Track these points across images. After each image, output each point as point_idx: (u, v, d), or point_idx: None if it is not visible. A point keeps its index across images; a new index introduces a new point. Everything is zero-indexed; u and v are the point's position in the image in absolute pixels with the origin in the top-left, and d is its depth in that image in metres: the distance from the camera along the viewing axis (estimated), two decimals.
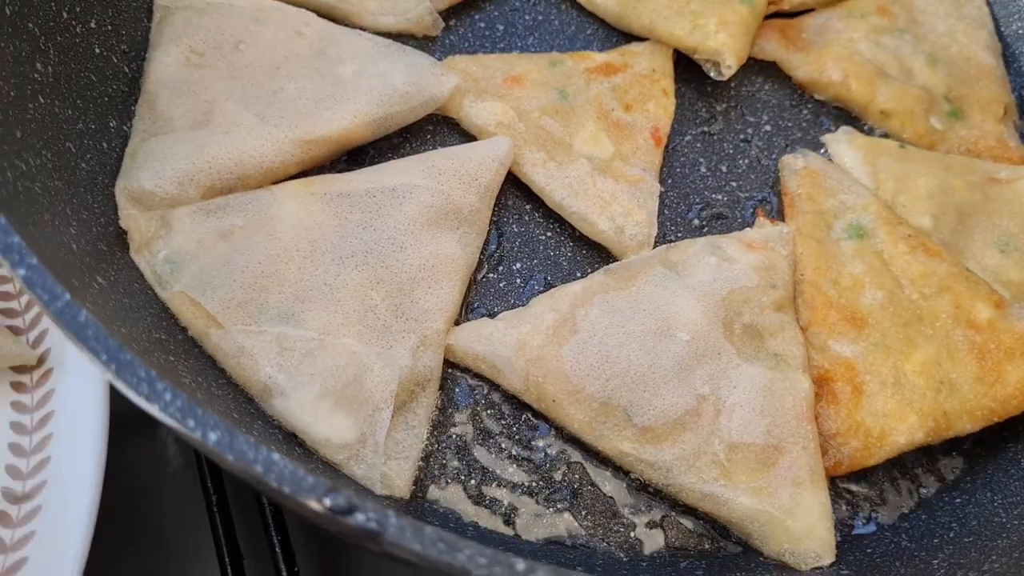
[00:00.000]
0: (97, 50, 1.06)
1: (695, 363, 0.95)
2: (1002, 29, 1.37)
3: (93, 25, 1.05)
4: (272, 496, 0.61)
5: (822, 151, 1.21)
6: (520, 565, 0.57)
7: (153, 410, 0.61)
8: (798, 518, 0.90)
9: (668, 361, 0.95)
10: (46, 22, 0.97)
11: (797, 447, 0.92)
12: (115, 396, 0.94)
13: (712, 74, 1.21)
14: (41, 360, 0.98)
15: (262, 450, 0.59)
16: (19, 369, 0.97)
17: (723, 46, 1.18)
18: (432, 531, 0.57)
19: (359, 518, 0.57)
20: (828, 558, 0.90)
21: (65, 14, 1.01)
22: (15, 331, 0.99)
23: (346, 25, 1.20)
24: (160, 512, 1.06)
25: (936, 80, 1.26)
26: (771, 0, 1.30)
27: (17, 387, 0.96)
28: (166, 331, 0.92)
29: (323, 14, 1.19)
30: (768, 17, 1.30)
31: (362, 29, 1.20)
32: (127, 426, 0.97)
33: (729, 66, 1.19)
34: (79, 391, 0.93)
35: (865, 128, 1.24)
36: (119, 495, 0.97)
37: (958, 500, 0.98)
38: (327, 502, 0.57)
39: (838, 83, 1.24)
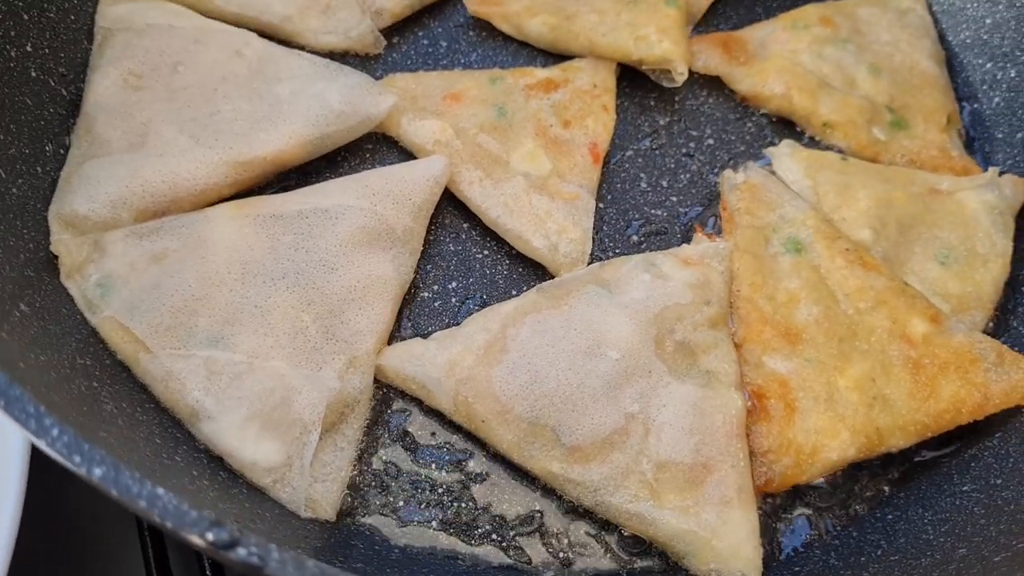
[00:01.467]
0: (33, 73, 1.06)
1: (624, 381, 0.95)
2: (949, 39, 1.37)
3: (29, 48, 1.05)
4: (159, 529, 0.61)
5: (766, 164, 1.21)
6: None
7: (41, 445, 0.61)
8: (724, 537, 0.89)
9: (597, 380, 0.95)
10: None
11: (726, 465, 0.92)
12: None
13: (663, 82, 1.22)
14: None
15: (146, 485, 0.59)
16: None
17: (671, 53, 1.19)
18: (314, 565, 0.57)
19: (241, 552, 0.57)
20: None
21: None
22: None
23: (289, 45, 1.20)
24: (92, 531, 1.06)
25: (879, 90, 1.26)
26: None
27: None
28: (92, 356, 0.92)
29: (266, 34, 1.19)
30: (719, 28, 1.31)
31: (305, 49, 1.21)
32: None
33: (681, 72, 1.19)
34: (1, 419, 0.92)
35: (805, 141, 1.23)
36: (52, 515, 0.97)
37: (889, 517, 0.97)
38: (209, 536, 0.58)
39: (780, 95, 1.24)
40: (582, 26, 1.22)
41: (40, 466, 0.90)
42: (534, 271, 1.10)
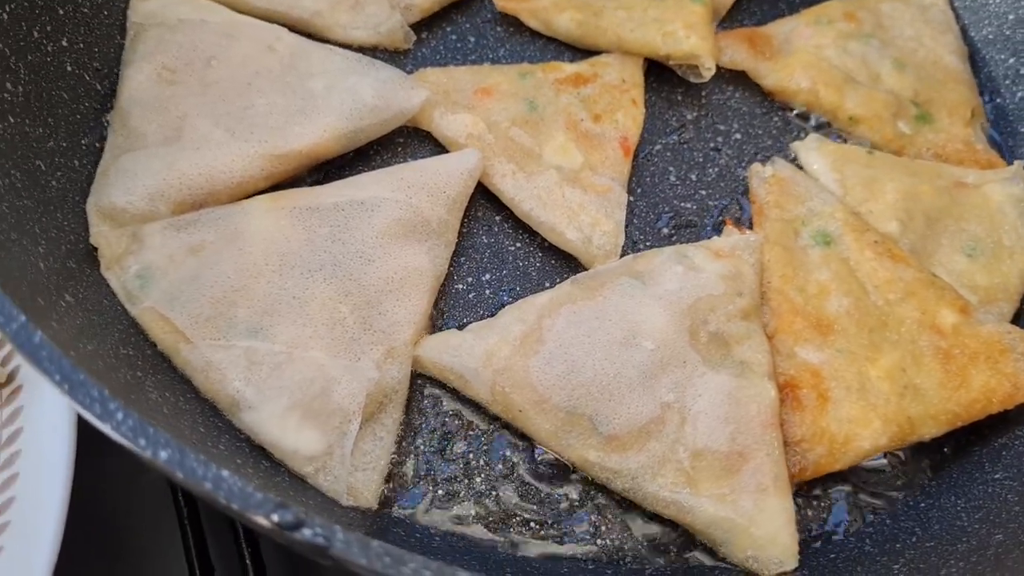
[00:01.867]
0: (69, 68, 1.07)
1: (660, 371, 0.96)
2: (971, 34, 1.38)
3: (65, 43, 1.06)
4: (224, 512, 0.62)
5: (792, 158, 1.22)
6: None
7: (106, 429, 0.62)
8: (761, 525, 0.90)
9: (633, 370, 0.96)
10: (16, 42, 0.98)
11: (761, 454, 0.93)
12: None
13: (690, 77, 1.23)
14: (11, 377, 0.99)
15: (211, 467, 0.60)
16: None
17: (699, 48, 1.20)
18: (378, 545, 0.58)
19: (306, 533, 0.58)
20: (791, 564, 0.90)
21: (36, 33, 1.02)
22: None
23: (319, 40, 1.21)
24: (132, 525, 1.07)
25: (904, 84, 1.27)
26: None
27: None
28: (134, 347, 0.93)
29: (296, 29, 1.20)
30: (743, 23, 1.32)
31: (335, 43, 1.21)
32: (102, 439, 0.98)
33: (709, 68, 1.20)
34: (48, 408, 0.94)
35: (834, 134, 1.24)
36: (92, 507, 0.98)
37: (923, 504, 0.98)
38: (275, 518, 0.58)
39: (806, 90, 1.25)
40: (610, 22, 1.24)
41: (75, 460, 0.92)
42: (566, 263, 1.10)
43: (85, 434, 0.94)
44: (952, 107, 1.26)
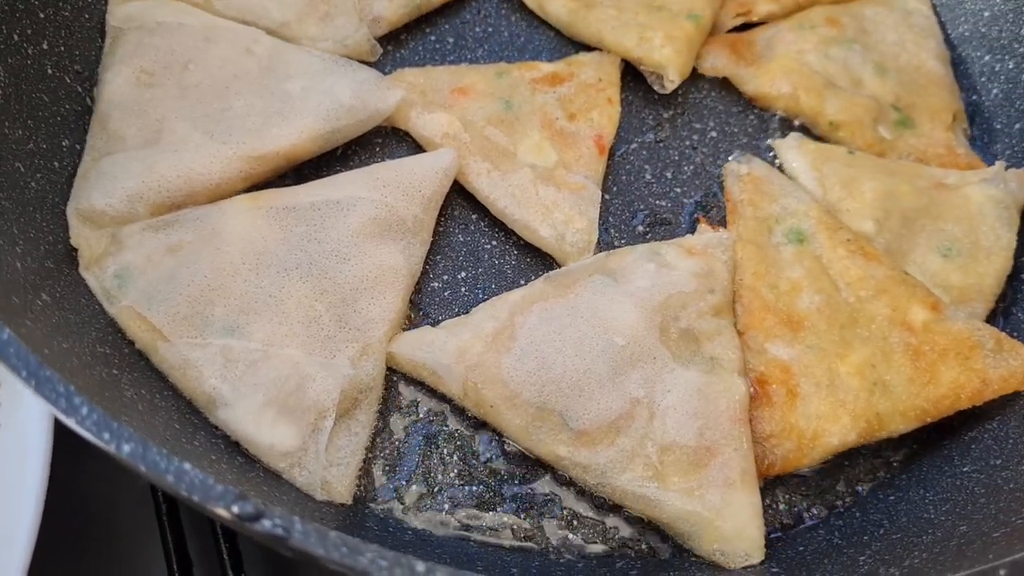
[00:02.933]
0: (49, 71, 1.08)
1: (630, 367, 0.97)
2: (948, 32, 1.39)
3: (45, 47, 1.08)
4: (186, 503, 0.64)
5: (771, 155, 1.23)
6: (420, 567, 0.59)
7: (71, 423, 0.63)
8: (728, 519, 0.92)
9: (603, 366, 0.97)
10: None
11: (729, 449, 0.95)
12: None
13: (656, 87, 1.24)
14: None
15: (173, 461, 0.61)
16: None
17: (668, 60, 1.21)
18: (335, 535, 0.59)
19: (266, 524, 0.59)
20: (757, 557, 0.92)
21: (16, 36, 1.03)
22: None
23: None
24: (112, 520, 1.09)
25: (885, 89, 1.28)
26: (739, 12, 1.33)
27: None
28: (111, 345, 0.95)
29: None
30: (731, 30, 1.33)
31: None
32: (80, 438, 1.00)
33: (672, 80, 1.22)
34: (26, 405, 0.95)
35: (814, 137, 1.26)
36: (73, 504, 1.00)
37: (891, 498, 1.00)
38: (235, 509, 0.60)
39: (787, 95, 1.25)
40: (597, 17, 1.25)
41: (57, 456, 0.93)
42: (542, 261, 1.12)
43: (66, 432, 0.96)
44: (933, 112, 1.27)
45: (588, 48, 1.29)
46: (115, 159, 1.06)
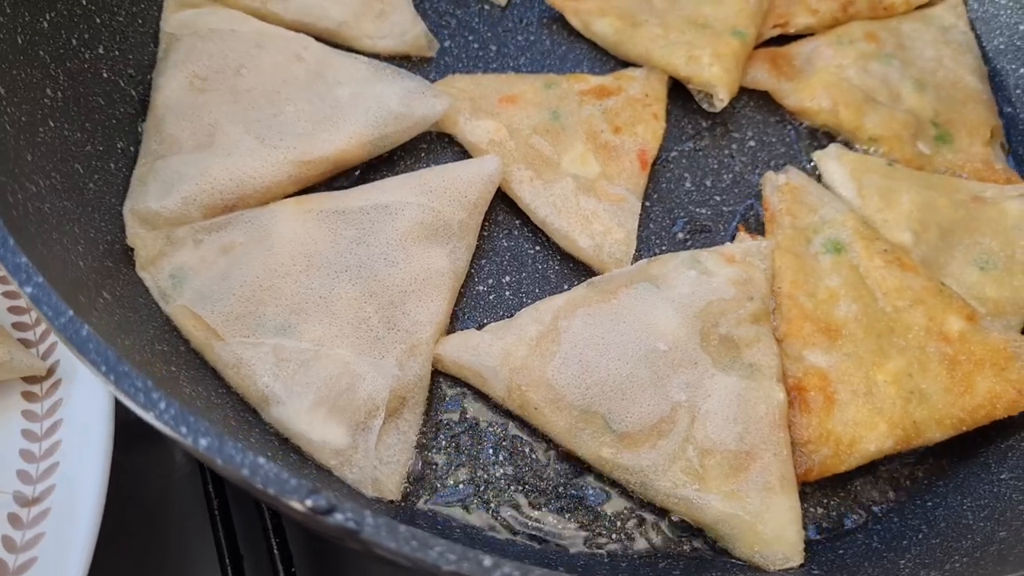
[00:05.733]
0: (105, 75, 1.11)
1: (672, 372, 0.99)
2: (984, 44, 1.41)
3: (101, 51, 1.11)
4: (259, 497, 0.66)
5: (809, 165, 1.25)
6: (487, 561, 0.61)
7: (149, 417, 0.66)
8: (767, 522, 0.93)
9: (645, 370, 0.99)
10: (56, 49, 1.02)
11: (768, 454, 0.96)
12: (123, 405, 0.99)
13: (704, 105, 1.27)
14: (51, 371, 1.03)
15: (248, 455, 0.64)
16: (30, 379, 1.02)
17: (717, 79, 1.23)
18: (405, 529, 0.61)
19: (338, 517, 0.62)
20: (796, 560, 0.93)
21: (74, 41, 1.06)
22: (26, 343, 1.04)
23: (346, 50, 1.25)
24: (164, 514, 1.11)
25: (924, 105, 1.29)
26: (776, 23, 1.35)
27: (28, 396, 1.01)
28: (168, 343, 0.97)
29: (323, 39, 1.24)
30: (765, 43, 1.35)
31: (361, 53, 1.26)
32: (136, 432, 1.02)
33: (722, 99, 1.24)
34: (86, 400, 0.98)
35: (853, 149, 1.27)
36: (126, 498, 1.02)
37: (929, 503, 1.01)
38: (309, 503, 0.62)
39: (827, 110, 1.27)
40: (644, 35, 1.27)
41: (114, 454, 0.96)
42: (584, 267, 1.14)
43: (120, 426, 0.99)
44: (971, 127, 1.29)
45: (631, 64, 1.32)
46: (169, 162, 1.08)
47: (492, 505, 0.98)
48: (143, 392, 0.66)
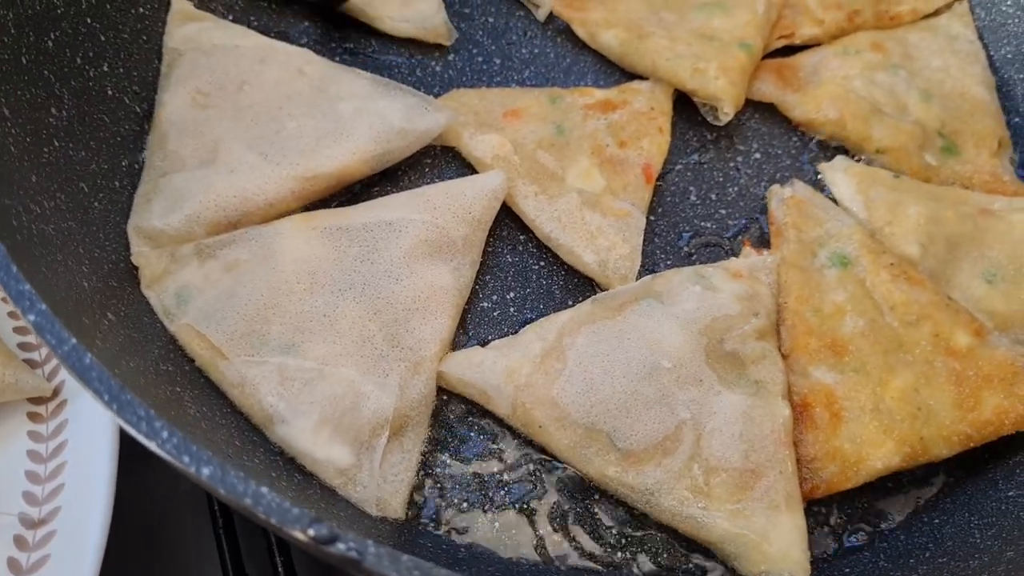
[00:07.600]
0: (110, 92, 1.11)
1: (677, 389, 0.99)
2: (991, 53, 1.40)
3: (106, 68, 1.11)
4: (262, 525, 0.66)
5: (816, 178, 1.25)
6: None
7: (151, 446, 0.66)
8: (774, 541, 0.93)
9: (650, 388, 0.99)
10: (61, 68, 1.02)
11: (774, 472, 0.96)
12: None
13: (709, 118, 1.26)
14: (56, 392, 1.03)
15: (251, 484, 0.63)
16: (35, 400, 1.03)
17: (723, 92, 1.23)
18: (408, 559, 0.61)
19: (340, 547, 0.61)
20: None
21: (79, 59, 1.06)
22: (32, 364, 1.05)
23: (367, 27, 1.29)
24: (170, 533, 1.12)
25: (930, 115, 1.28)
26: (782, 34, 1.35)
27: (33, 417, 1.01)
28: (173, 363, 0.97)
29: (347, 12, 1.27)
30: (771, 54, 1.34)
31: (381, 32, 1.29)
32: (142, 451, 1.02)
33: (727, 112, 1.24)
34: (91, 421, 0.98)
35: (859, 160, 1.27)
36: (132, 517, 1.02)
37: (936, 521, 1.01)
38: (311, 532, 0.62)
39: (834, 121, 1.26)
40: (650, 47, 1.27)
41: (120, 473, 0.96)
42: (589, 283, 1.14)
43: (125, 446, 0.99)
44: (979, 138, 1.28)
45: (637, 75, 1.31)
46: (172, 179, 1.08)
47: (497, 524, 0.98)
48: (145, 421, 0.66)
